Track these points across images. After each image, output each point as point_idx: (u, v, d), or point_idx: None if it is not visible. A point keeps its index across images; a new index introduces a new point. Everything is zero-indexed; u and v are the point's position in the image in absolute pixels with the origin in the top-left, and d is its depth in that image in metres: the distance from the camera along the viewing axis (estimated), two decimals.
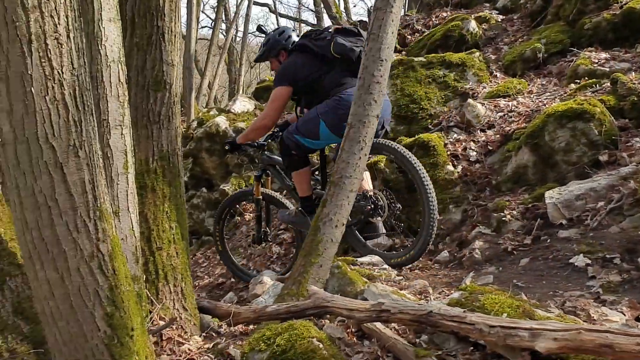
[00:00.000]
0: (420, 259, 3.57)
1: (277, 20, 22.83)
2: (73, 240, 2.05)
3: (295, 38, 4.10)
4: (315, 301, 2.57)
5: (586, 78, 4.60)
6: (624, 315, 2.28)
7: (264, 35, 4.35)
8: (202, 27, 19.31)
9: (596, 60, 4.81)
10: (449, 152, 4.30)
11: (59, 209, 2.02)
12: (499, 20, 6.56)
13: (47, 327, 2.19)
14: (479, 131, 4.54)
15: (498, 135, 4.38)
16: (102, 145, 2.53)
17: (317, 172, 4.22)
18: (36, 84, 1.94)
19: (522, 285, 2.86)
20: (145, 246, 2.82)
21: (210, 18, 22.20)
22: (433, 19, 7.37)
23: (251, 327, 2.91)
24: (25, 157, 1.98)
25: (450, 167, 4.15)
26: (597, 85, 4.33)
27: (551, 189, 3.54)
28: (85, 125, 2.07)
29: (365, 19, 8.74)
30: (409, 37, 7.17)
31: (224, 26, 17.57)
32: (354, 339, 2.47)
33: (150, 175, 2.91)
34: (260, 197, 4.44)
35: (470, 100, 4.77)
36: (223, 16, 16.45)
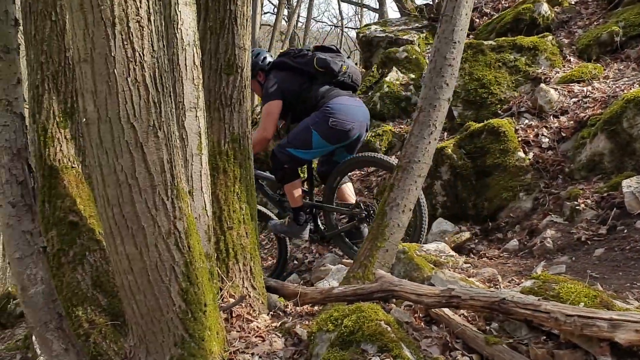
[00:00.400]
0: (489, 247, 3.51)
1: (339, 5, 22.77)
2: (152, 217, 2.13)
3: (270, 59, 4.32)
4: (383, 285, 2.57)
5: None
6: None
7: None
8: (264, 13, 19.44)
9: None
10: (520, 138, 4.17)
11: (138, 187, 2.10)
12: (573, 2, 6.28)
13: (126, 300, 2.28)
14: (551, 117, 4.38)
15: (572, 122, 4.22)
16: (178, 127, 2.59)
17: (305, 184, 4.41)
18: (119, 66, 2.01)
19: (596, 275, 2.76)
20: (216, 225, 2.89)
21: (272, 4, 22.35)
22: (502, 2, 7.15)
23: (316, 308, 2.94)
24: (108, 136, 2.06)
25: (521, 154, 4.03)
26: None
27: (629, 177, 3.39)
28: (164, 106, 2.14)
29: (430, 2, 8.56)
30: (477, 20, 6.99)
31: (286, 12, 17.62)
32: (422, 324, 2.46)
33: (222, 157, 2.97)
34: None
35: (542, 85, 4.61)
36: (286, 2, 16.49)
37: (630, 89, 4.16)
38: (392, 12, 29.31)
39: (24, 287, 2.33)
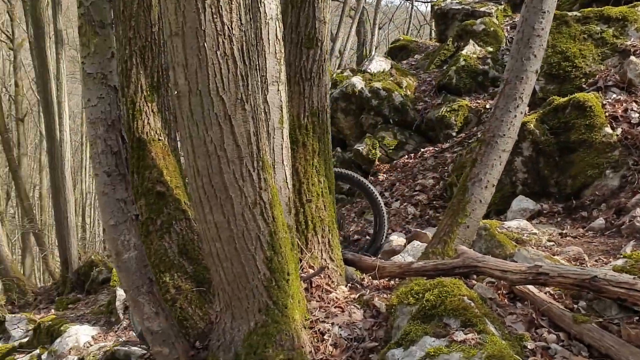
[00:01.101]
0: (573, 226, 3.39)
1: None
2: (239, 187, 2.18)
3: None
4: (465, 260, 2.54)
5: None
6: None
7: None
8: None
9: None
10: (607, 114, 3.98)
11: (227, 158, 2.15)
12: None
13: (213, 267, 2.37)
14: None
15: None
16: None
17: None
18: (208, 39, 2.06)
19: None
20: (296, 198, 2.93)
21: None
22: None
23: (392, 282, 2.95)
24: (198, 108, 2.12)
25: (608, 130, 3.85)
26: None
27: None
28: (251, 79, 2.17)
29: None
30: None
31: None
32: (506, 300, 2.42)
33: (301, 131, 3.00)
34: None
35: (632, 58, 4.36)
36: None
37: None
38: None
39: (118, 253, 2.45)
